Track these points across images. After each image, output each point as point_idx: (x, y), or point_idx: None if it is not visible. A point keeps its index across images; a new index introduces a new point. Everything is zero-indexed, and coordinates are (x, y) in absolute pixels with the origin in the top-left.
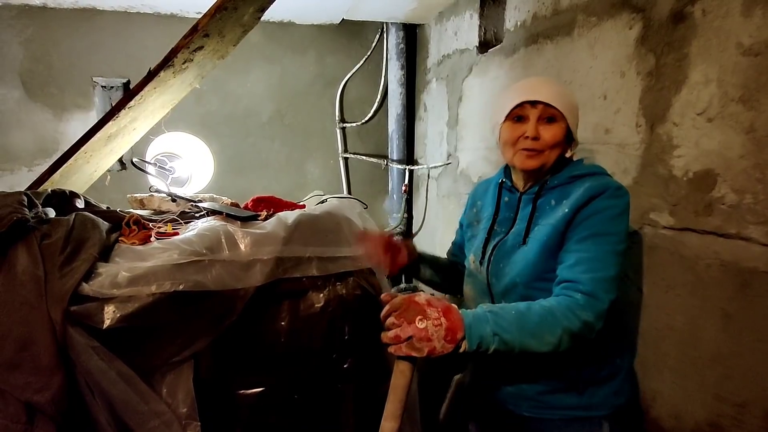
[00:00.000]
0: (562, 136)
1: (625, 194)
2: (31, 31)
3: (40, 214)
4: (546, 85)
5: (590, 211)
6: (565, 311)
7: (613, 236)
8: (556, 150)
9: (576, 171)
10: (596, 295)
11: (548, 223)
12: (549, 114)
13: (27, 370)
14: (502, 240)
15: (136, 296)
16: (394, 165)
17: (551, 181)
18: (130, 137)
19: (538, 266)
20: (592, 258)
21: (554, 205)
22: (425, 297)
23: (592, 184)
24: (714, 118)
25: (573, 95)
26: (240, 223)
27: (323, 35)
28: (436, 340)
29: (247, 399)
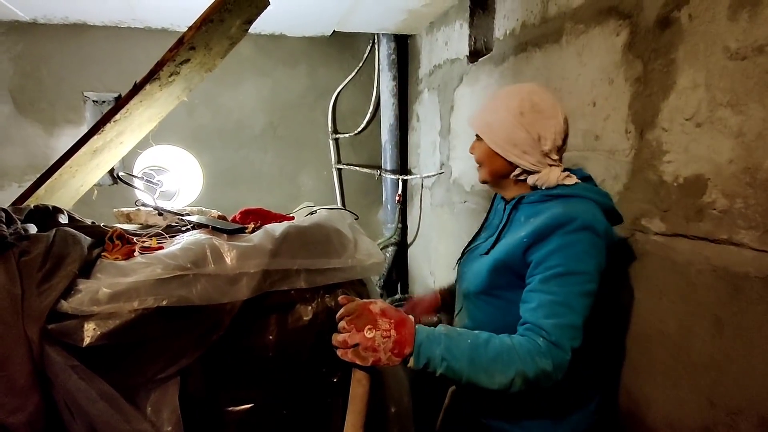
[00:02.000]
0: (483, 155)
1: (597, 228)
2: (21, 47)
3: (19, 230)
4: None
5: (554, 246)
6: (524, 355)
7: (580, 275)
8: (484, 167)
9: (554, 190)
10: (559, 343)
11: (508, 243)
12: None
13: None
14: (475, 245)
15: (117, 313)
16: (387, 175)
17: (528, 196)
18: (117, 151)
19: (485, 282)
20: (557, 302)
21: (523, 222)
22: (381, 306)
23: (557, 212)
24: (703, 123)
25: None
26: (226, 236)
27: (315, 47)
28: (382, 351)
29: (235, 415)
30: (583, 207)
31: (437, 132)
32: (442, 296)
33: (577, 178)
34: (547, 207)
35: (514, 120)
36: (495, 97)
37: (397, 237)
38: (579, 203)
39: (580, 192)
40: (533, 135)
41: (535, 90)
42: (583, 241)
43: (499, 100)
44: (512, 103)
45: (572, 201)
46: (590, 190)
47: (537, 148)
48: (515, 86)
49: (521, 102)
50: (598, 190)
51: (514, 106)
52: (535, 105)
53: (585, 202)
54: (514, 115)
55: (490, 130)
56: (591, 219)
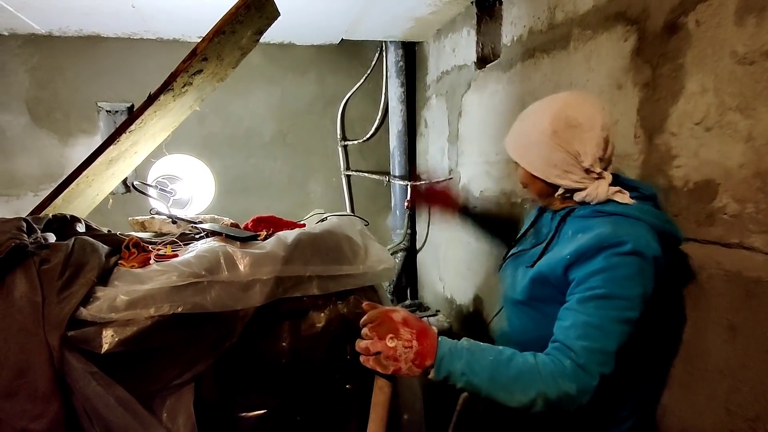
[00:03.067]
0: (526, 179)
1: (647, 254)
2: (36, 59)
3: (39, 240)
4: (511, 132)
5: (597, 266)
6: (548, 376)
7: (620, 300)
8: (530, 188)
9: (606, 207)
10: (587, 368)
11: (552, 257)
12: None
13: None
14: (522, 251)
15: (134, 320)
16: (396, 181)
17: (578, 210)
18: (132, 160)
19: (526, 292)
20: (591, 324)
21: (570, 236)
22: (403, 315)
23: (605, 231)
24: (712, 127)
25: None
26: (239, 243)
27: (323, 55)
28: (403, 361)
29: (249, 421)
30: (634, 229)
31: (445, 138)
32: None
33: (639, 192)
34: (595, 224)
35: (548, 141)
36: (526, 117)
37: (406, 243)
38: (630, 224)
39: (634, 213)
40: (572, 152)
41: (568, 103)
42: (628, 266)
43: (530, 120)
44: (544, 122)
45: (623, 221)
46: (645, 212)
47: (577, 166)
48: (545, 101)
49: (553, 120)
50: (656, 213)
51: (546, 126)
52: (568, 120)
53: (637, 224)
54: (548, 135)
55: (526, 155)
56: (641, 243)
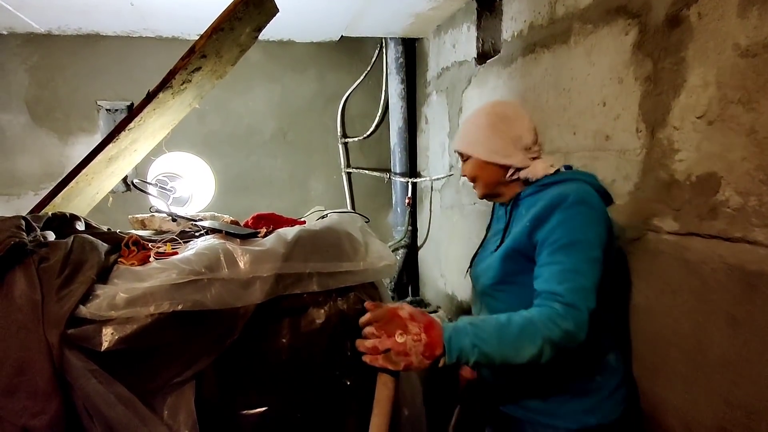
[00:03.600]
0: (475, 170)
1: (591, 201)
2: (36, 58)
3: (38, 238)
4: (459, 132)
5: (555, 222)
6: (546, 321)
7: (583, 244)
8: (480, 181)
9: (547, 180)
10: (576, 305)
11: (513, 235)
12: (462, 157)
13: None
14: (485, 248)
15: (134, 317)
16: (396, 178)
17: (524, 191)
18: (132, 159)
19: (499, 271)
20: (567, 269)
21: (524, 214)
22: (409, 310)
23: (552, 194)
24: (714, 120)
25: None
26: (239, 240)
27: (323, 52)
28: (413, 355)
29: (250, 419)
30: (575, 186)
31: (446, 134)
32: None
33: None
34: (543, 194)
35: (488, 132)
36: (466, 121)
37: (407, 240)
38: (571, 184)
39: (570, 176)
40: (511, 136)
41: (497, 103)
42: (581, 214)
43: (470, 122)
44: (481, 120)
45: (565, 184)
46: (578, 174)
47: (518, 147)
48: (479, 108)
49: (488, 116)
50: (585, 173)
51: (484, 122)
52: (500, 114)
53: (577, 183)
54: (487, 127)
55: (473, 146)
56: (584, 194)
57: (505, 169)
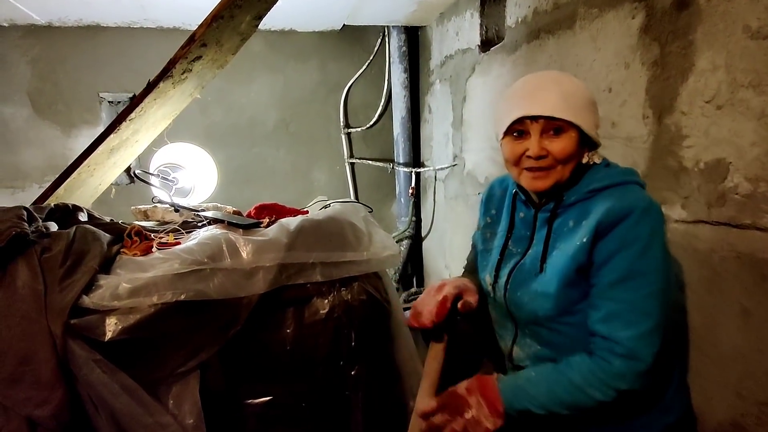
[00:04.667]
0: (573, 148)
1: (653, 212)
2: (37, 50)
3: (40, 228)
4: (546, 92)
5: (615, 244)
6: (599, 384)
7: (649, 275)
8: (569, 164)
9: (596, 183)
10: (637, 356)
11: (566, 251)
12: (554, 126)
13: (28, 385)
14: (518, 264)
15: (137, 307)
16: (400, 168)
17: (568, 196)
18: (134, 149)
19: (560, 300)
20: (628, 309)
21: (572, 226)
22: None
23: (613, 205)
24: (723, 105)
25: (583, 90)
26: (242, 231)
27: (325, 42)
28: (484, 419)
29: (255, 408)
30: (633, 195)
31: (450, 123)
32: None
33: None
34: (599, 201)
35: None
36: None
37: (411, 230)
38: (628, 191)
39: (623, 178)
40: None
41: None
42: (643, 237)
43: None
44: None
45: (620, 190)
46: (627, 173)
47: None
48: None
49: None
50: (630, 170)
51: (583, 89)
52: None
53: (633, 188)
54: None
55: (581, 115)
56: (644, 205)
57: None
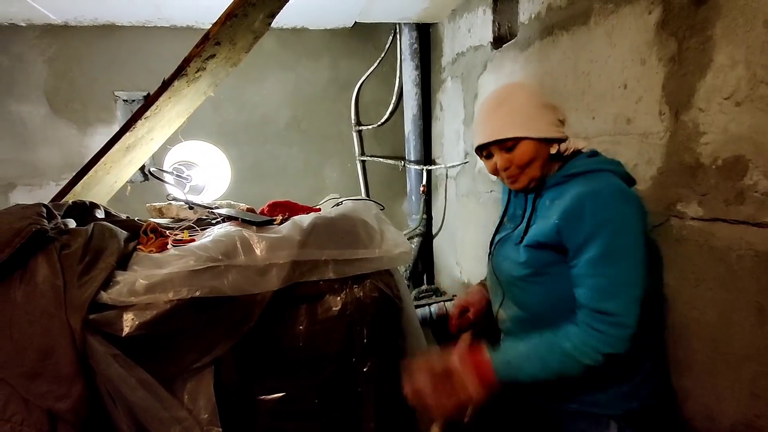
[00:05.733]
0: (530, 154)
1: (624, 196)
2: (54, 49)
3: (59, 225)
4: (491, 118)
5: (591, 225)
6: (590, 351)
7: (625, 251)
8: (534, 165)
9: (572, 168)
10: (625, 322)
11: (540, 226)
12: (506, 144)
13: (48, 379)
14: (506, 236)
15: (154, 303)
16: (411, 166)
17: (549, 180)
18: (148, 147)
19: (527, 263)
20: (611, 283)
21: (548, 205)
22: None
23: (582, 190)
24: (742, 101)
25: (530, 99)
26: (255, 228)
27: (336, 40)
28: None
29: (268, 404)
30: (606, 180)
31: (461, 121)
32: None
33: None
34: (569, 186)
35: (536, 106)
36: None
37: (422, 228)
38: (600, 177)
39: (597, 166)
40: (553, 108)
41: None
42: (615, 215)
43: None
44: (525, 94)
45: (592, 176)
46: (603, 162)
47: (558, 120)
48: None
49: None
50: (609, 161)
51: (525, 99)
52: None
53: (604, 174)
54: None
55: (525, 127)
56: (615, 188)
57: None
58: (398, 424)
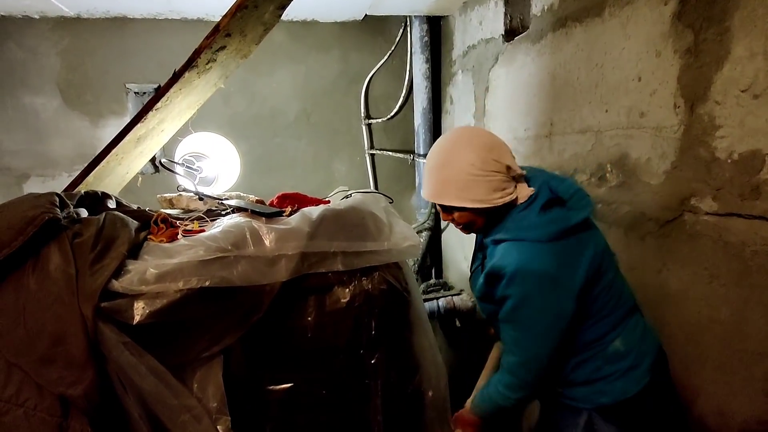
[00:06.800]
0: (467, 217)
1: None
2: (66, 41)
3: (71, 214)
4: (429, 180)
5: (501, 291)
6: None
7: (522, 322)
8: (474, 224)
9: (497, 234)
10: (517, 376)
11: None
12: (444, 207)
13: (60, 365)
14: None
15: (164, 292)
16: (420, 160)
17: (486, 239)
18: (159, 138)
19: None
20: (511, 342)
21: (487, 260)
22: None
23: (495, 262)
24: (760, 94)
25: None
26: (265, 219)
27: (347, 32)
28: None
29: (277, 394)
30: (516, 254)
31: (471, 114)
32: None
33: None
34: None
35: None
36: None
37: (430, 222)
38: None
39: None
40: (502, 169)
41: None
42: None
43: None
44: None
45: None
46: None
47: (508, 178)
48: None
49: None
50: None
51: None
52: (486, 145)
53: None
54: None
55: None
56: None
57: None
58: (406, 417)
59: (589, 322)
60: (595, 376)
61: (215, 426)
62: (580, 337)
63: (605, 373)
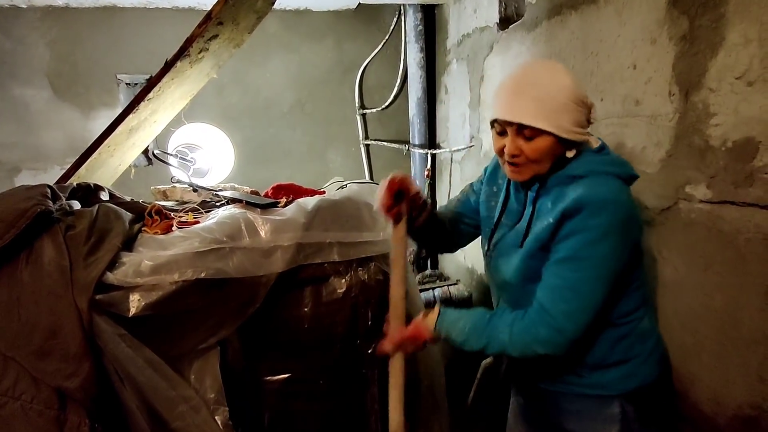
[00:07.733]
0: (546, 150)
1: (616, 207)
2: (55, 31)
3: (64, 206)
4: (520, 97)
5: (572, 228)
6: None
7: (592, 260)
8: (544, 162)
9: (576, 170)
10: (562, 329)
11: (537, 231)
12: (527, 133)
13: (56, 358)
14: (504, 236)
15: (159, 284)
16: (416, 150)
17: (550, 180)
18: (152, 129)
19: (525, 272)
20: (566, 286)
21: (550, 208)
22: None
23: (581, 194)
24: (755, 81)
25: (563, 89)
26: (260, 210)
27: (340, 21)
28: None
29: (274, 385)
30: (605, 186)
31: (467, 104)
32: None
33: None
34: (574, 187)
35: (575, 100)
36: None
37: None
38: (601, 182)
39: (601, 168)
40: (587, 107)
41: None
42: (595, 228)
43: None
44: (565, 81)
45: (595, 180)
46: (609, 163)
47: (586, 118)
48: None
49: (572, 77)
50: (615, 160)
51: (569, 84)
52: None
53: (608, 179)
54: (574, 94)
55: (555, 119)
56: (610, 198)
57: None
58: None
59: (630, 289)
60: (629, 356)
61: (213, 416)
62: (619, 306)
63: (636, 353)
